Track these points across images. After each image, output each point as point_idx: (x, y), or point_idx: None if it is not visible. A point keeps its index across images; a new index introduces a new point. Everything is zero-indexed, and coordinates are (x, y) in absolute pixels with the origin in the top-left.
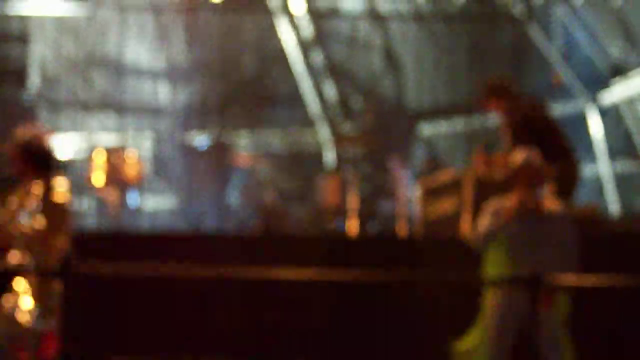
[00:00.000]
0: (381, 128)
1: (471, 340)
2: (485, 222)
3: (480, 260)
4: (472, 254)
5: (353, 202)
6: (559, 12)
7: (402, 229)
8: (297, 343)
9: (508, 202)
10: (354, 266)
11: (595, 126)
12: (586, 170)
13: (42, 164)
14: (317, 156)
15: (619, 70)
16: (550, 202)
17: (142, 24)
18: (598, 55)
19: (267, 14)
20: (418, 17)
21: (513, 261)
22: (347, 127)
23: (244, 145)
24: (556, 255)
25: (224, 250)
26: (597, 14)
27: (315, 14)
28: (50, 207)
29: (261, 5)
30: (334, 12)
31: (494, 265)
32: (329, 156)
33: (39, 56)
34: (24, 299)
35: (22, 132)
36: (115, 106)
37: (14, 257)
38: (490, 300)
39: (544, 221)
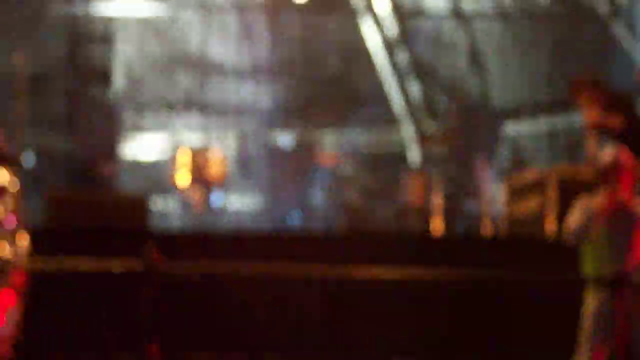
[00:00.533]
0: (465, 127)
1: None
2: (576, 218)
3: (565, 259)
4: (557, 253)
5: (437, 201)
6: None
7: (486, 228)
8: (381, 340)
9: (598, 199)
10: (438, 265)
11: None
12: None
13: None
14: (402, 155)
15: None
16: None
17: (226, 24)
18: None
19: (351, 13)
20: (502, 16)
21: (601, 260)
22: (431, 126)
23: (328, 144)
24: None
25: (308, 250)
26: None
27: (399, 13)
28: None
29: (345, 4)
30: (418, 12)
31: (585, 264)
32: (414, 155)
33: (123, 57)
34: None
35: None
36: (200, 106)
37: None
38: (585, 299)
39: (633, 220)
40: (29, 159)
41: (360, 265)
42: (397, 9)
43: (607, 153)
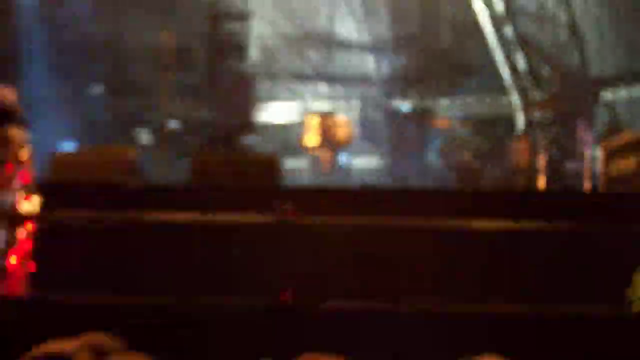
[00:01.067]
0: (567, 94)
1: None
2: None
3: None
4: None
5: (541, 162)
6: None
7: (586, 186)
8: (489, 289)
9: None
10: (541, 218)
11: None
12: None
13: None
14: (509, 120)
15: None
16: None
17: (350, 1)
18: None
19: None
20: None
21: None
22: (536, 94)
23: (443, 110)
24: None
25: (425, 204)
26: None
27: None
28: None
29: None
30: None
31: None
32: (520, 120)
33: (258, 32)
34: None
35: None
36: (327, 76)
37: None
38: None
39: None
40: (173, 125)
41: (470, 217)
42: None
43: None
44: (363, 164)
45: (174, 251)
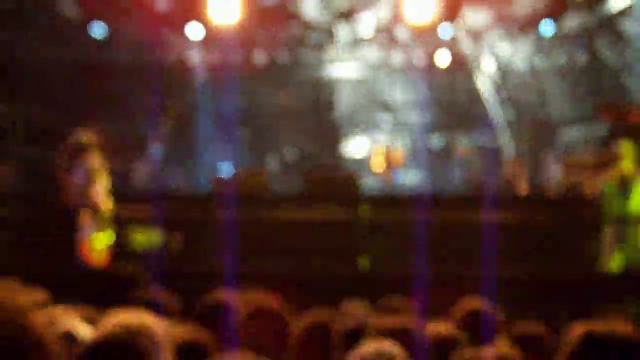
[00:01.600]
0: (537, 133)
1: None
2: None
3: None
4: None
5: (524, 177)
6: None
7: (552, 192)
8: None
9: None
10: (528, 212)
11: None
12: None
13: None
14: (500, 149)
15: None
16: None
17: (400, 77)
18: None
19: (470, 71)
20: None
21: None
22: (516, 132)
23: (462, 143)
24: None
25: (450, 204)
26: None
27: (499, 69)
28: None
29: (466, 65)
30: (507, 70)
31: None
32: (509, 149)
33: (344, 95)
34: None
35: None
36: (388, 123)
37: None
38: None
39: None
40: (290, 155)
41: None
42: (499, 69)
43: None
44: (411, 179)
45: (291, 235)
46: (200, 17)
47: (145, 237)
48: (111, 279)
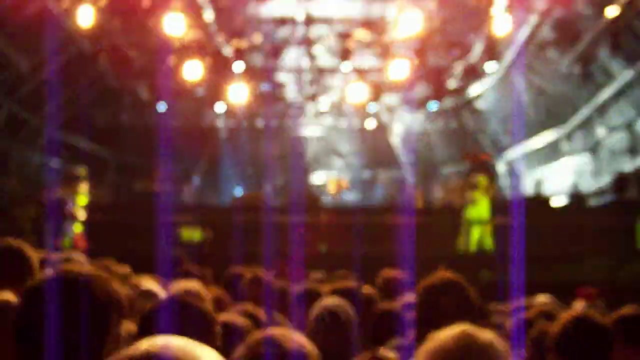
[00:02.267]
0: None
1: None
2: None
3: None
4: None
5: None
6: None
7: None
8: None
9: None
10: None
11: None
12: None
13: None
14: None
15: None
16: None
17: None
18: None
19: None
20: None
21: None
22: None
23: (383, 175)
24: None
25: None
26: None
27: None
28: None
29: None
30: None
31: None
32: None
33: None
34: None
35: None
36: (337, 163)
37: None
38: None
39: None
40: (278, 183)
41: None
42: (404, 130)
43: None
44: (351, 197)
45: (278, 231)
46: (223, 99)
47: (190, 233)
48: (169, 260)
